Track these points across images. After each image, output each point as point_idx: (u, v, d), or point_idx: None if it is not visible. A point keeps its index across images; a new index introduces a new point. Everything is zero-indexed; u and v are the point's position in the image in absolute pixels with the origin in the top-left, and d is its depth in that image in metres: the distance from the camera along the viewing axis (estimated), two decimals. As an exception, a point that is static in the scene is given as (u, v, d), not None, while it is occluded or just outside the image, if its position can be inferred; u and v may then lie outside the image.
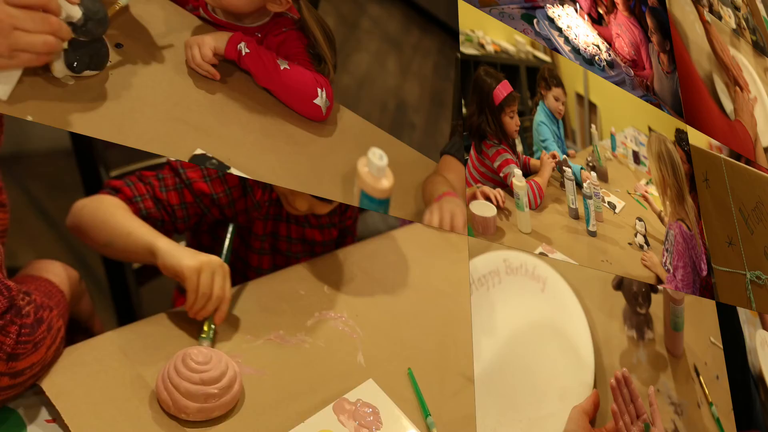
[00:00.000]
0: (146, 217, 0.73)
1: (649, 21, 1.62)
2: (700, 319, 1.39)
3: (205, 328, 0.70)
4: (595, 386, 1.03)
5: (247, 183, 0.79)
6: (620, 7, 1.52)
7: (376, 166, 0.87)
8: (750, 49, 2.01)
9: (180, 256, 0.68)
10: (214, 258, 0.70)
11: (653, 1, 1.66)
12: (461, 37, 1.12)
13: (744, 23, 2.02)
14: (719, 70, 1.79)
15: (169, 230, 0.76)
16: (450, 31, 1.09)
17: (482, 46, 1.16)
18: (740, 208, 1.62)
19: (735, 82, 1.83)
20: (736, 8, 2.02)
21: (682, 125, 1.58)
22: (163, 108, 0.73)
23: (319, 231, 0.86)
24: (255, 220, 0.82)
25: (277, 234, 0.84)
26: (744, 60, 1.94)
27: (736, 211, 1.60)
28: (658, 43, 1.62)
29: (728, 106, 1.78)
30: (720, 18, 1.90)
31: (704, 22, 1.80)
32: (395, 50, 0.99)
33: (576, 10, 1.40)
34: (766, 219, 1.68)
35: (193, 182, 0.77)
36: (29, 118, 0.63)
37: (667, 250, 1.38)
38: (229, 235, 0.76)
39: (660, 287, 1.30)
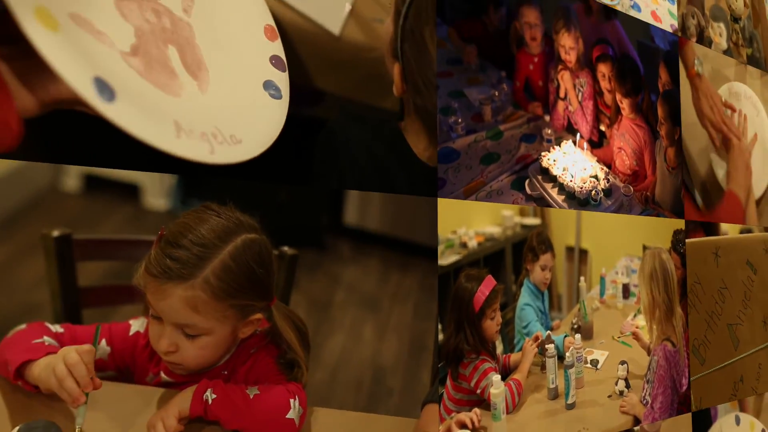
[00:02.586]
0: None
1: (660, 110, 1.50)
2: (674, 438, 1.45)
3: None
4: None
5: None
6: (626, 111, 1.41)
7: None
8: (758, 74, 1.84)
9: None
10: None
11: (666, 82, 1.53)
12: (441, 247, 1.07)
13: (740, 36, 1.82)
14: (713, 133, 1.64)
15: None
16: (431, 254, 1.05)
17: (464, 245, 1.11)
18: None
19: (729, 137, 1.68)
20: (735, 19, 1.81)
21: (680, 224, 1.53)
22: None
23: None
24: None
25: None
26: (748, 91, 1.77)
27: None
28: (667, 134, 1.51)
29: (720, 172, 1.67)
30: (710, 44, 1.72)
31: (692, 78, 1.62)
32: (372, 312, 0.96)
33: (575, 142, 1.31)
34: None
35: None
36: None
37: (648, 381, 1.41)
38: None
39: (636, 428, 1.35)
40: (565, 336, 1.24)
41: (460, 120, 1.11)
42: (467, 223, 1.11)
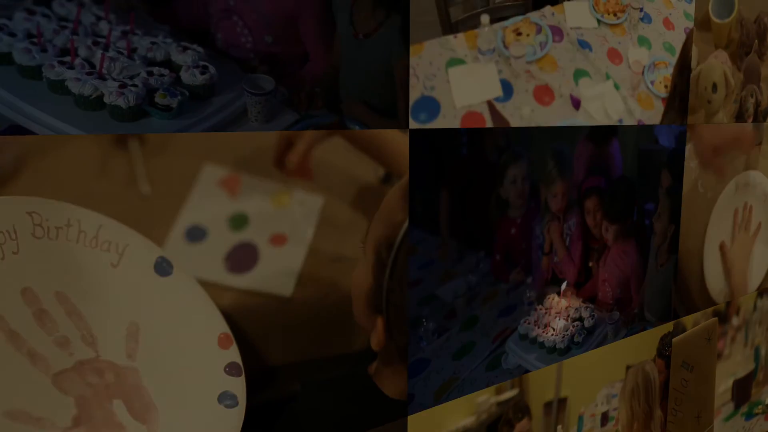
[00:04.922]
0: None
1: (655, 221, 1.39)
2: None
3: None
4: None
5: None
6: (611, 242, 1.30)
7: None
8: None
9: None
10: None
11: (669, 185, 1.39)
12: (410, 464, 1.03)
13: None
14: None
15: None
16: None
17: (435, 450, 1.07)
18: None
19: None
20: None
21: (668, 328, 1.48)
22: None
23: None
24: None
25: None
26: (758, 177, 1.61)
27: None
28: (660, 234, 1.41)
29: (717, 286, 1.57)
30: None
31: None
32: None
33: (560, 293, 1.22)
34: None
35: None
36: None
37: (618, 496, 1.43)
38: None
39: None
40: (538, 490, 1.24)
41: (431, 325, 1.03)
42: (439, 427, 1.07)
